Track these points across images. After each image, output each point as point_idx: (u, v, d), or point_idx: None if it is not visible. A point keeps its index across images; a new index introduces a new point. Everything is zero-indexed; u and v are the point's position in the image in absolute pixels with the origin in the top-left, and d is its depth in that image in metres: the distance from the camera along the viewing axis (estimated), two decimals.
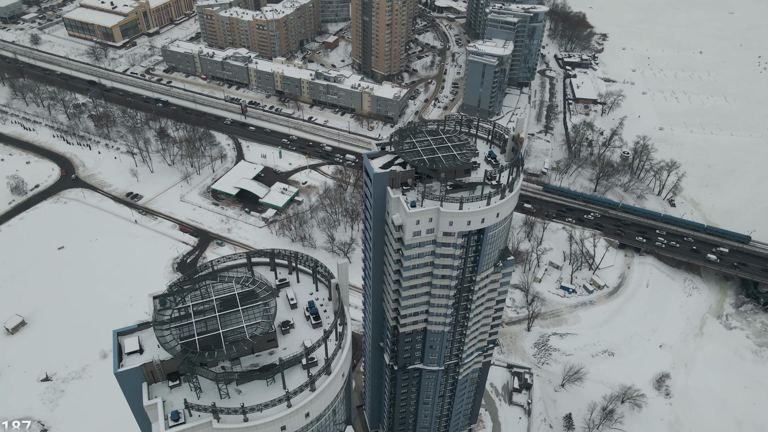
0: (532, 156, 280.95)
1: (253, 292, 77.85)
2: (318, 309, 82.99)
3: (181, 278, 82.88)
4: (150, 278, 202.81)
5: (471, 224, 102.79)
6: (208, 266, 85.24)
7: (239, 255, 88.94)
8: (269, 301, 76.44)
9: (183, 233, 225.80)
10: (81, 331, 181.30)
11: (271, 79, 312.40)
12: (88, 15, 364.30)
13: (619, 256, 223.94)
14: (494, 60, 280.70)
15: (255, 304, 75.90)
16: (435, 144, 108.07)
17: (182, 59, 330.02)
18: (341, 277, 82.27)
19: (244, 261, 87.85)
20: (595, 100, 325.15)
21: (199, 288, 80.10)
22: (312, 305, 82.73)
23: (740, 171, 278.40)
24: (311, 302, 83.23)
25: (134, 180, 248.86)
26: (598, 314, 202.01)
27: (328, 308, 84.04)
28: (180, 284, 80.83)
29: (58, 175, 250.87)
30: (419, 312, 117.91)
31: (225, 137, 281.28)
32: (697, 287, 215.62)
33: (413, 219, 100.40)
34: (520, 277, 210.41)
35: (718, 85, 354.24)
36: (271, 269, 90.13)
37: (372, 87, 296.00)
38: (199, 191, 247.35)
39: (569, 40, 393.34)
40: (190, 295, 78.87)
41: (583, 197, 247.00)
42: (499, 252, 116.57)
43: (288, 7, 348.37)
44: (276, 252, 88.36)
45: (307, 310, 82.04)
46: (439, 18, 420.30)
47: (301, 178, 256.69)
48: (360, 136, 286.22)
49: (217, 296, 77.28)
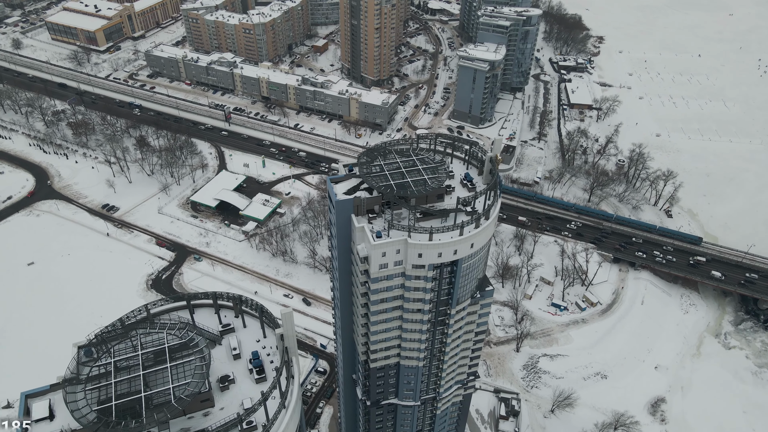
0: (524, 164, 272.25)
1: (187, 344, 68.99)
2: (263, 360, 74.09)
3: (111, 325, 74.09)
4: (122, 297, 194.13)
5: (442, 256, 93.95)
6: (142, 311, 76.41)
7: (179, 297, 79.90)
8: (205, 355, 67.65)
9: (159, 247, 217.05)
10: (41, 356, 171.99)
11: (257, 84, 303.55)
12: (71, 19, 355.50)
13: (613, 270, 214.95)
14: (485, 65, 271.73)
15: (188, 359, 67.05)
16: (405, 166, 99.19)
17: (166, 64, 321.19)
18: (287, 327, 73.37)
19: (184, 304, 78.85)
20: (590, 106, 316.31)
21: (130, 337, 71.28)
22: (256, 356, 73.90)
23: (739, 180, 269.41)
24: (255, 352, 74.41)
25: (111, 191, 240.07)
26: (591, 333, 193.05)
27: (276, 358, 75.20)
28: (109, 332, 72.01)
29: (33, 186, 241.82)
30: (391, 346, 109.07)
31: (207, 145, 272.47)
32: (695, 304, 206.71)
33: (378, 251, 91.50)
34: (510, 294, 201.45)
35: (717, 89, 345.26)
36: (215, 312, 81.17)
37: (360, 93, 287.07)
38: (178, 203, 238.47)
39: (565, 43, 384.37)
40: (118, 345, 70.02)
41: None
42: (477, 281, 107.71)
43: (275, 11, 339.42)
44: (219, 295, 79.39)
45: (250, 362, 73.16)
46: (432, 20, 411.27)
47: (285, 189, 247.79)
48: (347, 144, 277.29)
49: (145, 350, 68.41)
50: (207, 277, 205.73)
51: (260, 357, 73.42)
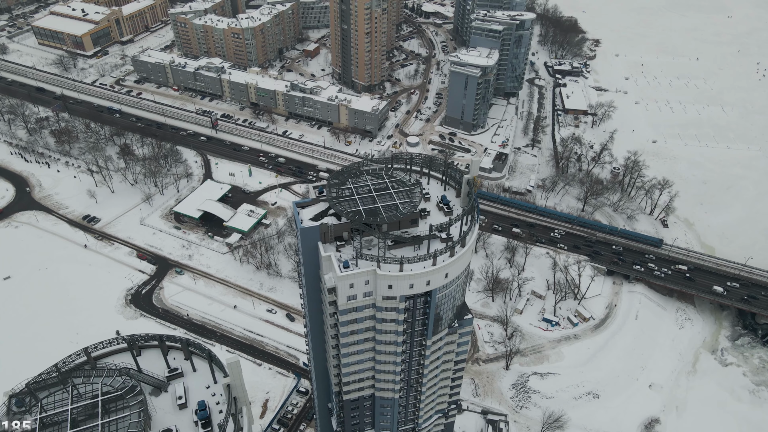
0: (517, 172, 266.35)
1: (125, 394, 63.00)
2: (211, 410, 68.17)
3: (47, 371, 68.11)
4: (99, 314, 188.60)
5: (415, 287, 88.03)
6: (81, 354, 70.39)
7: (121, 339, 73.78)
8: (145, 408, 61.67)
9: (140, 260, 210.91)
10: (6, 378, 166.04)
11: (245, 90, 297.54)
12: (57, 23, 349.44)
13: (606, 283, 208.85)
14: (477, 71, 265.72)
15: (125, 413, 61.08)
16: (376, 189, 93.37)
17: (153, 70, 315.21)
18: (234, 377, 67.35)
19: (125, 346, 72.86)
20: (585, 111, 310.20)
21: (66, 385, 65.29)
22: (203, 406, 67.95)
23: (737, 188, 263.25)
24: (203, 402, 68.40)
25: (93, 201, 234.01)
26: (583, 350, 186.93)
27: (226, 408, 69.23)
28: (41, 381, 66.05)
29: (12, 197, 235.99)
30: (364, 378, 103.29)
31: (193, 153, 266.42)
32: (690, 318, 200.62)
33: (345, 282, 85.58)
34: (500, 309, 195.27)
35: (715, 93, 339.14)
36: (163, 354, 75.14)
37: (349, 99, 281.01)
38: (161, 213, 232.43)
39: (560, 47, 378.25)
40: (50, 397, 64.03)
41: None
42: (455, 309, 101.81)
43: (265, 15, 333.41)
44: (166, 337, 73.34)
45: (196, 413, 67.21)
46: (426, 24, 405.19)
47: (271, 199, 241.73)
48: (336, 151, 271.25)
49: (77, 403, 62.38)
50: (188, 292, 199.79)
51: (207, 407, 67.49)
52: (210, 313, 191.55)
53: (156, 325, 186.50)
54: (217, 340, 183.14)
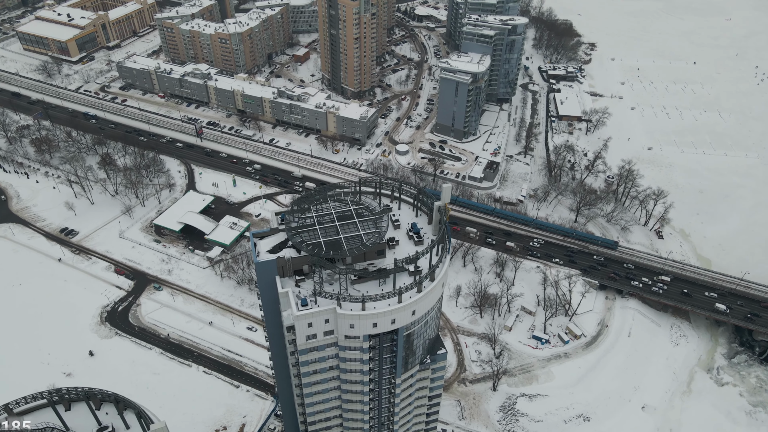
0: (509, 181, 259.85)
1: None
2: None
3: None
4: (74, 332, 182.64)
5: (379, 326, 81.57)
6: None
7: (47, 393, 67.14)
8: None
9: (118, 276, 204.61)
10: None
11: (232, 97, 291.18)
12: (42, 28, 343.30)
13: (599, 298, 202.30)
14: (468, 77, 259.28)
15: None
16: (340, 218, 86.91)
17: (138, 76, 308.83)
18: None
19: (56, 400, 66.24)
20: (579, 118, 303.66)
21: None
22: None
23: (735, 197, 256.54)
24: None
25: (71, 214, 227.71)
26: (574, 369, 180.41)
27: None
28: None
29: None
30: (331, 417, 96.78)
31: (177, 163, 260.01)
32: (685, 335, 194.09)
33: (303, 322, 79.15)
34: (488, 326, 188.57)
35: (712, 98, 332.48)
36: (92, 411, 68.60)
37: (337, 106, 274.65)
38: (141, 226, 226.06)
39: (555, 51, 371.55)
40: None
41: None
42: (427, 344, 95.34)
43: (253, 19, 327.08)
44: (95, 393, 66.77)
45: None
46: (419, 27, 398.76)
47: (255, 210, 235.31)
48: (323, 160, 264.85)
49: None
50: (166, 309, 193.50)
51: None
52: (188, 332, 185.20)
53: (131, 345, 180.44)
54: (194, 360, 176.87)
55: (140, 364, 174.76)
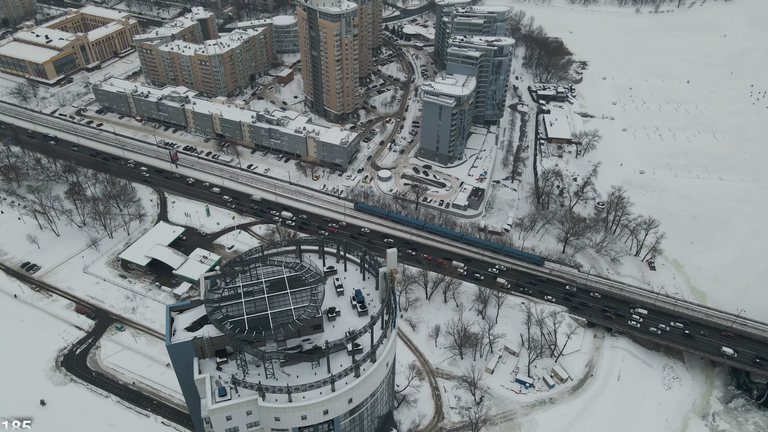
0: (495, 209, 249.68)
1: None
2: None
3: None
4: (25, 379, 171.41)
5: (309, 418, 70.74)
6: None
7: None
8: None
9: (78, 314, 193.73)
10: None
11: (210, 121, 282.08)
12: (20, 50, 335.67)
13: (587, 337, 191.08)
14: (451, 101, 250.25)
15: None
16: (271, 288, 76.47)
17: (115, 99, 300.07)
18: None
19: None
20: (569, 140, 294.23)
21: None
22: None
23: (730, 224, 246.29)
24: None
25: (35, 247, 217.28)
26: (559, 417, 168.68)
27: None
28: None
29: None
30: None
31: (149, 191, 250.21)
32: (679, 377, 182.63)
33: (220, 415, 68.35)
34: (469, 368, 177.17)
35: (707, 119, 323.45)
36: None
37: (318, 131, 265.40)
38: (107, 260, 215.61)
39: (545, 69, 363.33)
40: None
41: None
42: (376, 423, 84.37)
43: (234, 40, 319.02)
44: None
45: None
46: (407, 46, 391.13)
47: (229, 242, 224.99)
48: (302, 187, 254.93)
49: None
50: (128, 351, 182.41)
51: None
52: (148, 377, 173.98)
53: (86, 392, 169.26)
54: (153, 410, 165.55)
55: (95, 414, 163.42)
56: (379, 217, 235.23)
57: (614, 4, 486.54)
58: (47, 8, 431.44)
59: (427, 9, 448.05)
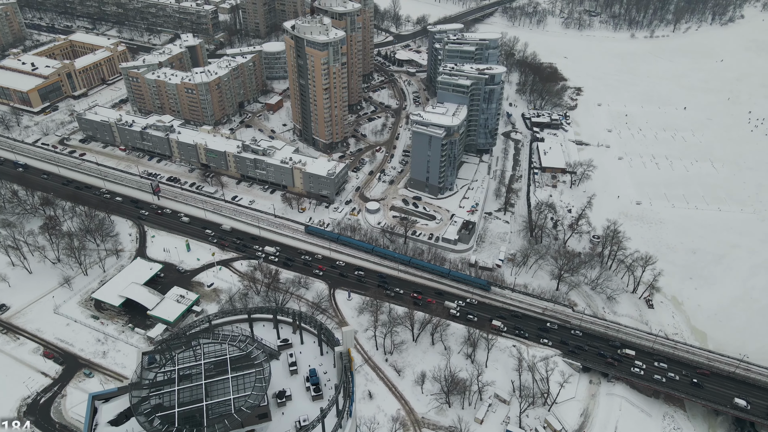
0: (487, 242, 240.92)
1: None
2: None
3: None
4: None
5: None
6: None
7: None
8: None
9: (46, 359, 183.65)
10: None
11: (195, 151, 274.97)
12: (4, 78, 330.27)
13: (582, 383, 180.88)
14: (441, 131, 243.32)
15: None
16: (210, 372, 67.30)
17: (99, 128, 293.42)
18: None
19: None
20: (564, 169, 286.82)
21: None
22: None
23: (730, 258, 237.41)
24: None
25: (5, 285, 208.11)
26: None
27: None
28: None
29: None
30: None
31: (128, 225, 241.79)
32: (680, 427, 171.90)
33: None
34: (456, 418, 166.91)
35: (704, 147, 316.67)
36: None
37: (304, 161, 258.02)
38: (80, 299, 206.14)
39: (540, 96, 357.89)
40: None
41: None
42: None
43: (222, 68, 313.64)
44: None
45: None
46: (399, 72, 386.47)
47: (208, 279, 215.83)
48: (287, 220, 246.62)
49: None
50: None
51: None
52: None
53: None
54: None
55: None
56: (362, 251, 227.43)
57: (609, 30, 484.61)
58: (37, 35, 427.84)
59: (420, 34, 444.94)
